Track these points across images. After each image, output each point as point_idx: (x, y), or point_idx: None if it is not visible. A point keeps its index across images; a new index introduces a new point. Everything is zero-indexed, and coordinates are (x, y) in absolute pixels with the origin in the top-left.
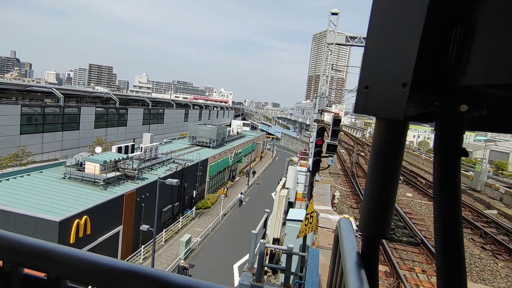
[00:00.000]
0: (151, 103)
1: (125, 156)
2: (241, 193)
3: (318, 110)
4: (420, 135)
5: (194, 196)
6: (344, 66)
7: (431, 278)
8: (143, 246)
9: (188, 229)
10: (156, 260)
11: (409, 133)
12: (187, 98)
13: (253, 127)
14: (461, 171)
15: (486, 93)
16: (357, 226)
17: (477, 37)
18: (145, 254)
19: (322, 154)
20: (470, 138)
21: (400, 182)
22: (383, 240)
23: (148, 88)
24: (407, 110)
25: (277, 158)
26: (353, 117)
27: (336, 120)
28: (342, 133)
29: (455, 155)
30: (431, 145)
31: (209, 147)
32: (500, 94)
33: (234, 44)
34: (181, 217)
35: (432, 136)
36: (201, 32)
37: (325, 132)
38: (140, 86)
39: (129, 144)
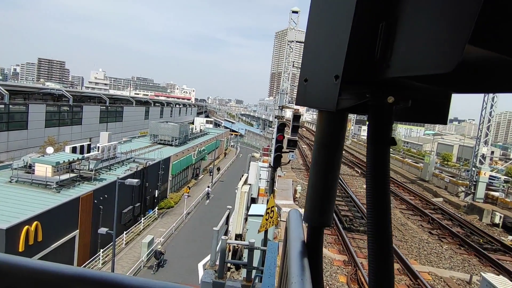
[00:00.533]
0: (108, 100)
1: (80, 156)
2: (208, 187)
3: (279, 106)
4: None
5: (156, 196)
6: None
7: None
8: (102, 250)
9: (150, 230)
10: (117, 264)
11: (366, 128)
12: (147, 95)
13: (217, 124)
14: (413, 163)
15: (409, 85)
16: None
17: (398, 33)
18: (104, 258)
19: (283, 150)
20: (420, 132)
21: (357, 175)
22: (343, 231)
23: (105, 84)
24: (342, 102)
25: (241, 154)
26: (315, 113)
27: (296, 116)
28: (303, 129)
29: (384, 143)
30: None
31: (171, 145)
32: (420, 86)
33: (197, 40)
34: (142, 218)
35: None
36: (162, 28)
37: (286, 128)
38: (96, 83)
39: (85, 143)
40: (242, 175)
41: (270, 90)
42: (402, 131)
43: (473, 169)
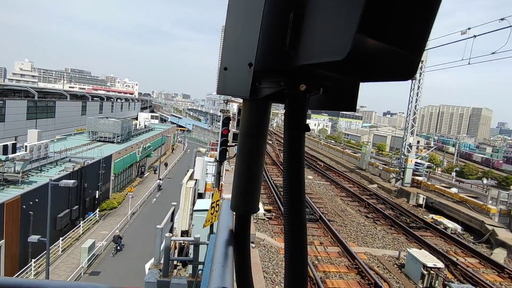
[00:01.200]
0: (37, 94)
1: (3, 157)
2: (160, 179)
3: (224, 100)
4: (320, 123)
5: (97, 197)
6: None
7: (327, 248)
8: (33, 260)
9: (91, 233)
10: (52, 273)
11: (310, 121)
12: (84, 88)
13: (163, 120)
14: (352, 153)
15: (319, 74)
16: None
17: (304, 22)
18: (37, 269)
19: (229, 144)
20: (358, 125)
21: None
22: None
23: (33, 76)
24: (261, 90)
25: (188, 150)
26: None
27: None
28: None
29: (300, 130)
30: (329, 131)
31: (112, 142)
32: (329, 75)
33: (140, 31)
34: (82, 222)
35: (330, 124)
36: (99, 16)
37: (231, 122)
38: (22, 74)
39: (9, 143)
40: (188, 170)
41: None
42: (343, 124)
43: (402, 157)
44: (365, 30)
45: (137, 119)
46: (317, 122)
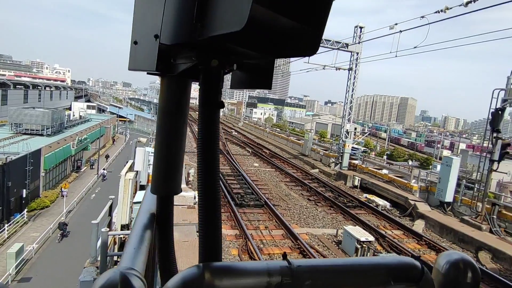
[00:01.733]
0: None
1: None
2: (104, 169)
3: None
4: (266, 112)
5: (24, 196)
6: None
7: (272, 231)
8: None
9: (19, 236)
10: None
11: (256, 110)
12: (4, 75)
13: (101, 110)
14: (295, 140)
15: (232, 49)
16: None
17: None
18: None
19: None
20: (302, 114)
21: (248, 154)
22: (235, 208)
23: None
24: (176, 66)
25: (130, 142)
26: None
27: None
28: (196, 112)
29: (214, 106)
30: (275, 120)
31: (42, 135)
32: (242, 51)
33: (72, 12)
34: (6, 225)
35: (275, 113)
36: None
37: None
38: None
39: None
40: (127, 162)
41: None
42: (288, 112)
43: (341, 142)
44: (261, 1)
45: (70, 109)
46: (263, 111)
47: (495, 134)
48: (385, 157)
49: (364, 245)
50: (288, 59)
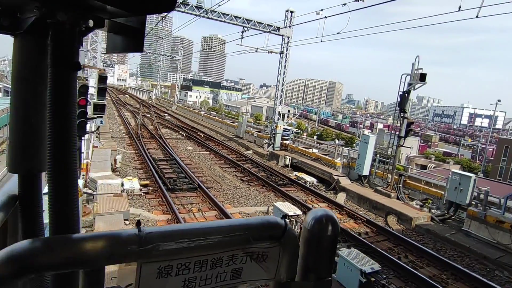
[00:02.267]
0: None
1: None
2: None
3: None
4: (201, 96)
5: None
6: None
7: (205, 213)
8: None
9: None
10: None
11: (192, 93)
12: None
13: (8, 92)
14: (230, 123)
15: (82, 2)
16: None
17: None
18: None
19: (88, 116)
20: (238, 97)
21: (182, 138)
22: (166, 193)
23: None
24: (22, 22)
25: None
26: (139, 78)
27: (102, 77)
28: (127, 95)
29: (68, 67)
30: (211, 103)
31: None
32: (95, 5)
33: None
34: None
35: (211, 96)
36: None
37: (89, 91)
38: None
39: None
40: None
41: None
42: (224, 95)
43: (274, 124)
44: None
45: None
46: (198, 94)
47: (402, 114)
48: (315, 137)
49: (292, 219)
50: (222, 40)
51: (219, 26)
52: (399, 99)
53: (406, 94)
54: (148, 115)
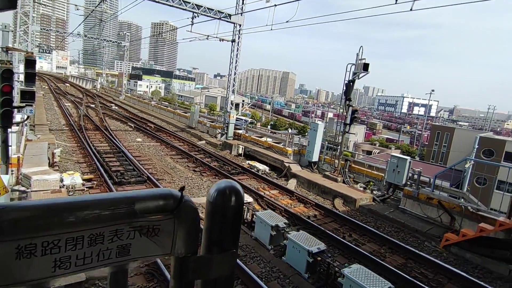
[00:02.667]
0: None
1: None
2: None
3: (2, 48)
4: (152, 85)
5: None
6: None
7: None
8: None
9: None
10: None
11: (142, 83)
12: None
13: None
14: (182, 113)
15: None
16: None
17: None
18: None
19: (16, 104)
20: (191, 87)
21: (131, 129)
22: (113, 187)
23: None
24: None
25: None
26: (82, 66)
27: (30, 61)
28: (68, 84)
29: None
30: (162, 93)
31: None
32: None
33: None
34: None
35: (163, 86)
36: None
37: (14, 76)
38: None
39: None
40: None
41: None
42: (176, 85)
43: (227, 113)
44: None
45: None
46: (149, 83)
47: (348, 102)
48: (269, 127)
49: (244, 207)
50: (173, 26)
51: (169, 12)
52: (344, 88)
53: (351, 83)
54: (93, 106)
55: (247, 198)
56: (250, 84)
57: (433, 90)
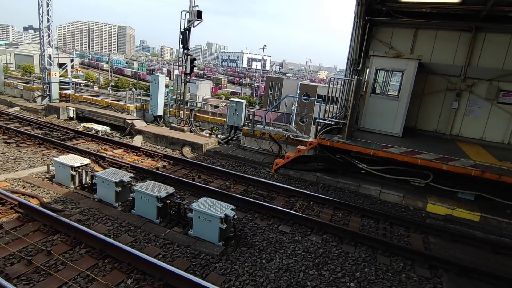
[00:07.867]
0: None
1: None
2: None
3: None
4: None
5: None
6: None
7: None
8: None
9: None
10: None
11: None
12: None
13: None
14: None
15: None
16: None
17: None
18: None
19: None
20: None
21: None
22: None
23: None
24: None
25: None
26: None
27: None
28: None
29: None
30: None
31: None
32: None
33: None
34: None
35: None
36: None
37: None
38: None
39: None
40: None
41: None
42: None
43: (45, 71)
44: None
45: None
46: None
47: (186, 52)
48: (109, 88)
49: (80, 170)
50: None
51: None
52: (181, 36)
53: (187, 32)
54: None
55: (83, 161)
56: (78, 40)
57: (265, 45)
